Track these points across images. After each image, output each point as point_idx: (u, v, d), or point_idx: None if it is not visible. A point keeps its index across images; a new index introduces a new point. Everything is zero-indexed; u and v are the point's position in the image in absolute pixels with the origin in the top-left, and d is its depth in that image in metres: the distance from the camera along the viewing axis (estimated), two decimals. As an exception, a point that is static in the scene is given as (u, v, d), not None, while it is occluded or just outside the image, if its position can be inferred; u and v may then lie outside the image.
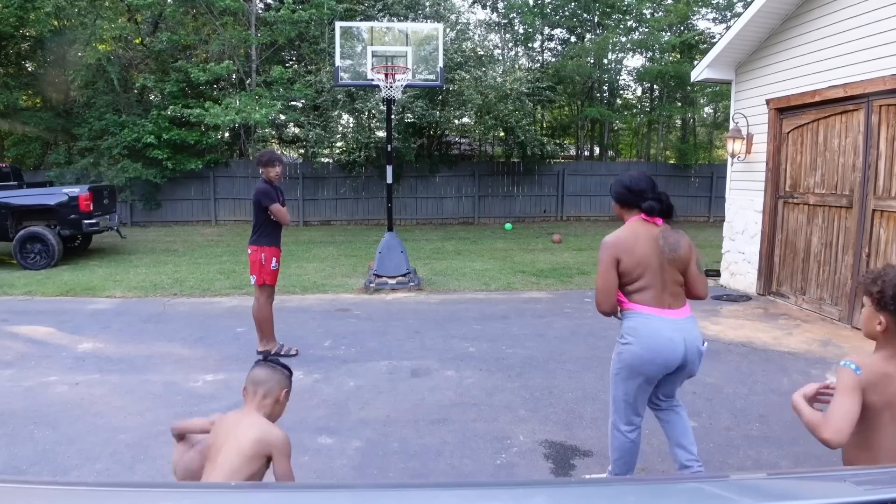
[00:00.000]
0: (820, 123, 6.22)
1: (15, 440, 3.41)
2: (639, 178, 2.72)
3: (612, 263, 2.56)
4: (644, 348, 2.54)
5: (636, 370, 2.58)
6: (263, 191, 4.72)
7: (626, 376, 2.62)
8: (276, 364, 2.06)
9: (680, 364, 2.57)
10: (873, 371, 1.61)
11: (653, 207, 2.63)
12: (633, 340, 2.56)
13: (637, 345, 2.55)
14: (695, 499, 0.93)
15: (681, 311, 2.61)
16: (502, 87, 14.14)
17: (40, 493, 0.89)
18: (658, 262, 2.57)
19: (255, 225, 4.84)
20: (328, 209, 16.11)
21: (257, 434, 1.86)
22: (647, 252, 2.56)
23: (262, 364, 2.04)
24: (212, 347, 5.20)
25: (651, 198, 2.64)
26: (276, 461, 1.87)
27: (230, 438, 1.85)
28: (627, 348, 2.59)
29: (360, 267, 9.02)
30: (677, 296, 2.62)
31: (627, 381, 2.63)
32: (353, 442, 3.41)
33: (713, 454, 3.27)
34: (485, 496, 0.95)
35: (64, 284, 7.76)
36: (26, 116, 14.44)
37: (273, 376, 2.01)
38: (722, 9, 17.97)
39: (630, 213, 2.70)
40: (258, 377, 1.99)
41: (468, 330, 5.68)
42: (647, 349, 2.53)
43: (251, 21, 14.97)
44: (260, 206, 4.74)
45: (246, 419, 1.92)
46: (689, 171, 17.46)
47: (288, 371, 2.08)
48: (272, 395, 2.00)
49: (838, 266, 5.95)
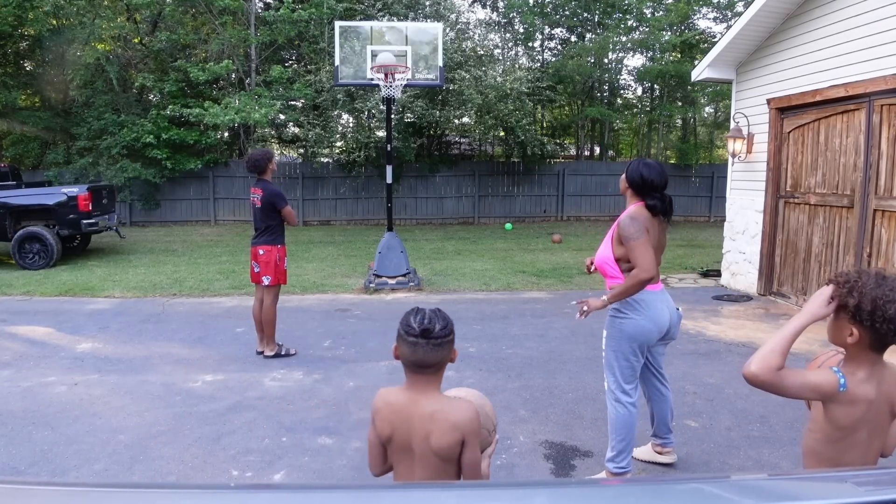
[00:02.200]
0: (821, 123, 6.21)
1: (13, 441, 3.40)
2: (655, 171, 2.87)
3: (646, 234, 2.73)
4: (648, 319, 2.79)
5: (637, 339, 2.82)
6: (279, 192, 4.80)
7: (628, 345, 2.83)
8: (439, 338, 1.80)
9: (667, 329, 2.89)
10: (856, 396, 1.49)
11: (655, 206, 2.84)
12: (636, 314, 2.80)
13: (641, 317, 2.79)
14: (695, 499, 0.93)
15: (660, 284, 2.95)
16: (502, 87, 14.14)
17: (39, 494, 0.88)
18: (658, 242, 2.86)
19: (268, 226, 4.81)
20: (328, 209, 16.10)
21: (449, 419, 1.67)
22: (654, 232, 2.81)
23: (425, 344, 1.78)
24: (211, 348, 5.19)
25: (657, 197, 2.84)
26: (467, 446, 1.72)
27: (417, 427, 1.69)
28: (630, 321, 2.81)
29: (359, 267, 9.02)
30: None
31: (628, 349, 2.84)
32: (353, 442, 3.41)
33: (714, 454, 3.27)
34: (485, 496, 0.95)
35: (63, 284, 7.75)
36: (25, 116, 14.42)
37: (442, 352, 1.78)
38: (723, 8, 17.96)
39: (635, 198, 2.89)
40: (428, 359, 1.75)
41: (468, 330, 5.67)
42: (650, 320, 2.80)
43: (251, 20, 14.96)
44: (274, 208, 4.76)
45: (425, 403, 1.69)
46: (690, 171, 17.46)
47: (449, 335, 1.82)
48: (444, 366, 1.80)
49: (839, 266, 5.94)
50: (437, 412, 1.62)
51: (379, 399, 1.71)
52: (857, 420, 1.49)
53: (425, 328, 1.64)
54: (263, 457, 3.24)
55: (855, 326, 1.47)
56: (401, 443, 1.66)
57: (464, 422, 1.62)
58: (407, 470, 1.67)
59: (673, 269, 8.99)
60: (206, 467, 3.13)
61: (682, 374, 4.47)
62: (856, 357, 1.52)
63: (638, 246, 2.71)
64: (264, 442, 3.41)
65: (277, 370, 4.61)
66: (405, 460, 1.67)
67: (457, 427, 1.61)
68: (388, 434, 1.67)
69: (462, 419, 1.62)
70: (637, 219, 2.75)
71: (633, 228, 2.73)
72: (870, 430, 1.52)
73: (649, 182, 2.82)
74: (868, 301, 1.44)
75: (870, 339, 1.47)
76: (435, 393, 1.69)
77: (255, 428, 3.59)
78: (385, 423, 1.67)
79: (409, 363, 1.67)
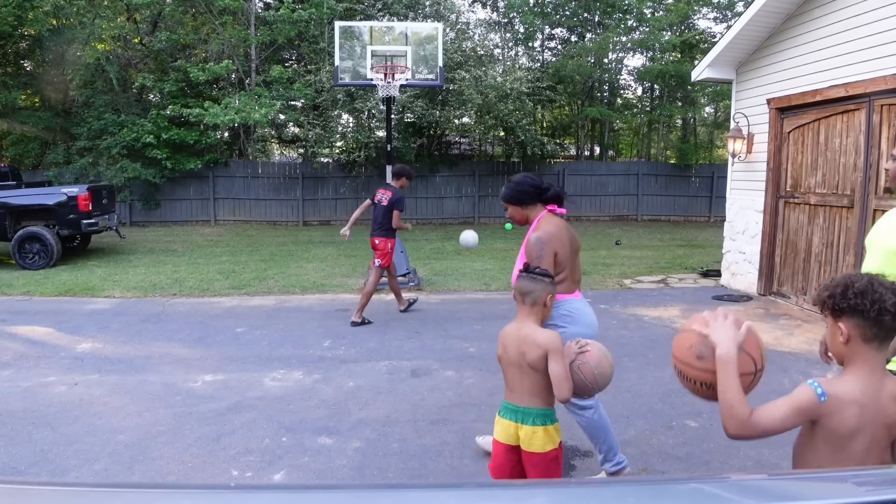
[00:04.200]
0: (821, 123, 6.21)
1: (13, 441, 3.40)
2: (533, 176, 2.95)
3: (552, 258, 2.70)
4: (584, 326, 2.79)
5: None
6: (401, 199, 5.96)
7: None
8: (536, 274, 2.32)
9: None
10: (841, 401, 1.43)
11: (557, 195, 2.86)
12: (573, 325, 2.77)
13: (578, 326, 2.77)
14: (695, 499, 0.93)
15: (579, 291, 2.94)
16: (502, 87, 14.13)
17: (39, 494, 0.88)
18: (572, 251, 2.83)
19: (384, 221, 5.94)
20: (328, 209, 16.10)
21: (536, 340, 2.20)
22: (566, 243, 2.79)
23: (525, 276, 2.32)
24: (211, 348, 5.19)
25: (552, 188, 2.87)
26: (550, 359, 2.16)
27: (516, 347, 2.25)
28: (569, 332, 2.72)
29: (359, 267, 9.02)
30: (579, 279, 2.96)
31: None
32: (353, 442, 3.41)
33: (714, 455, 3.27)
34: (485, 496, 0.95)
35: (63, 284, 7.75)
36: (25, 116, 14.42)
37: (536, 286, 2.28)
38: (723, 8, 17.96)
39: (534, 209, 2.87)
40: (524, 288, 2.30)
41: (468, 330, 5.67)
42: (586, 326, 2.79)
43: (251, 20, 14.97)
44: (391, 209, 5.88)
45: (522, 329, 2.27)
46: (690, 171, 17.46)
47: (549, 278, 2.34)
48: (539, 300, 2.28)
49: (839, 266, 5.94)
50: (528, 335, 2.23)
51: (504, 330, 2.36)
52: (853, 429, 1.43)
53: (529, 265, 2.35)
54: (263, 457, 3.24)
55: (840, 322, 1.46)
56: (509, 359, 2.28)
57: (546, 341, 2.18)
58: (515, 379, 2.26)
59: (673, 269, 8.99)
60: (206, 467, 3.13)
61: (682, 374, 4.47)
62: (853, 361, 1.47)
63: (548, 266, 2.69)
64: (264, 442, 3.41)
65: (277, 370, 4.61)
66: (515, 372, 2.26)
67: (540, 345, 2.18)
68: (500, 353, 2.32)
69: (544, 340, 2.19)
70: (547, 239, 2.69)
71: (540, 250, 2.68)
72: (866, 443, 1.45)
73: (539, 184, 2.86)
74: (839, 286, 1.46)
75: (859, 330, 1.44)
76: (530, 322, 2.27)
77: (255, 428, 3.59)
78: (501, 345, 2.32)
79: (515, 292, 2.33)
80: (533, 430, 2.20)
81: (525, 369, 2.21)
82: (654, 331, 5.71)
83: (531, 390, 2.21)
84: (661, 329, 5.76)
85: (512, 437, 2.25)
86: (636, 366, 4.68)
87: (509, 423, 2.25)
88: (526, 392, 2.23)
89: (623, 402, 3.95)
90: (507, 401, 2.29)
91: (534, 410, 2.22)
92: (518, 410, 2.24)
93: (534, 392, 2.21)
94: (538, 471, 2.23)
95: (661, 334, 5.56)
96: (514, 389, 2.26)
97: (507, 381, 2.29)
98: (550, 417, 2.25)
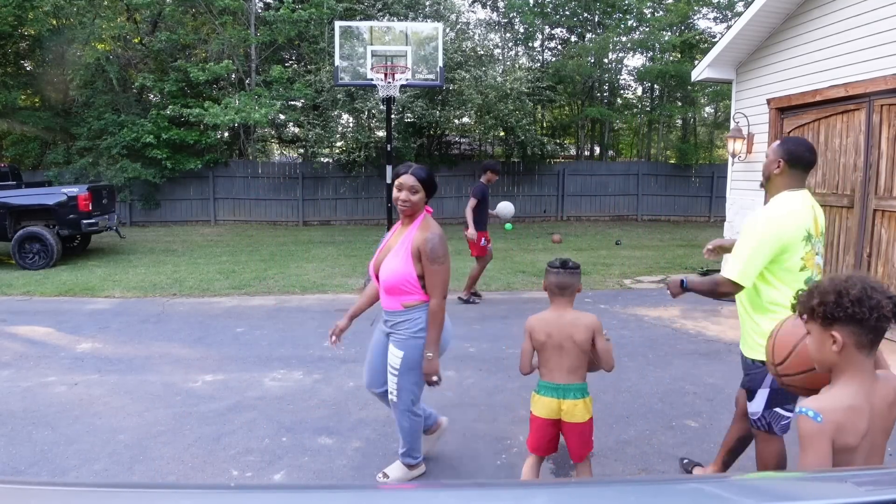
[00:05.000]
0: (821, 123, 6.21)
1: (13, 441, 3.40)
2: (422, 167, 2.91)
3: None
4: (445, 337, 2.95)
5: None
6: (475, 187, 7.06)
7: (420, 364, 2.78)
8: (571, 269, 2.60)
9: None
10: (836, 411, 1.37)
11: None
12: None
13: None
14: (695, 499, 0.92)
15: None
16: (502, 87, 14.14)
17: (39, 494, 0.88)
18: None
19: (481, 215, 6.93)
20: (328, 209, 16.10)
21: (584, 322, 2.52)
22: None
23: (564, 272, 2.58)
24: (211, 348, 5.19)
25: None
26: (597, 338, 2.51)
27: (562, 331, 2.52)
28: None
29: (360, 267, 9.02)
30: None
31: (420, 368, 2.79)
32: (353, 442, 3.41)
33: (714, 454, 3.26)
34: (485, 496, 0.95)
35: (63, 284, 7.75)
36: (25, 116, 14.42)
37: (574, 279, 2.59)
38: (723, 8, 17.97)
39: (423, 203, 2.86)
40: (565, 282, 2.57)
41: (468, 330, 5.67)
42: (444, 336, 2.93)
43: (251, 20, 14.97)
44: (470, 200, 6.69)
45: (565, 315, 2.56)
46: (690, 171, 17.46)
47: (578, 268, 2.62)
48: (576, 290, 2.61)
49: (839, 266, 5.94)
50: (575, 319, 2.54)
51: (532, 321, 2.60)
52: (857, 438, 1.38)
53: (563, 261, 2.60)
54: (263, 457, 3.24)
55: (833, 330, 1.39)
56: (554, 343, 2.53)
57: (592, 324, 2.53)
58: (557, 360, 2.54)
59: (673, 269, 9.00)
60: (206, 467, 3.14)
61: (682, 374, 4.47)
62: (846, 370, 1.41)
63: (445, 271, 2.74)
64: (264, 442, 3.41)
65: (277, 370, 4.61)
66: (556, 355, 2.54)
67: (589, 327, 2.52)
68: (542, 340, 2.55)
69: (592, 322, 2.54)
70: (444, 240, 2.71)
71: (443, 251, 2.68)
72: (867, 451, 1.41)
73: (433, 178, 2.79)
74: (830, 292, 1.39)
75: (853, 337, 1.39)
76: (570, 309, 2.58)
77: (255, 428, 3.59)
78: (541, 333, 2.55)
79: (554, 288, 2.59)
80: (574, 403, 2.52)
81: (567, 350, 2.52)
82: (654, 331, 5.71)
83: (570, 368, 2.53)
84: (661, 329, 5.76)
85: (554, 412, 2.54)
86: (636, 366, 4.68)
87: (551, 400, 2.54)
88: (565, 370, 2.53)
89: (623, 402, 3.95)
90: (545, 380, 2.57)
91: (574, 386, 2.53)
92: (559, 388, 2.53)
93: (572, 370, 2.53)
94: (580, 438, 2.57)
95: (661, 334, 5.56)
96: (554, 370, 2.54)
97: (546, 363, 2.56)
98: (585, 391, 2.56)
